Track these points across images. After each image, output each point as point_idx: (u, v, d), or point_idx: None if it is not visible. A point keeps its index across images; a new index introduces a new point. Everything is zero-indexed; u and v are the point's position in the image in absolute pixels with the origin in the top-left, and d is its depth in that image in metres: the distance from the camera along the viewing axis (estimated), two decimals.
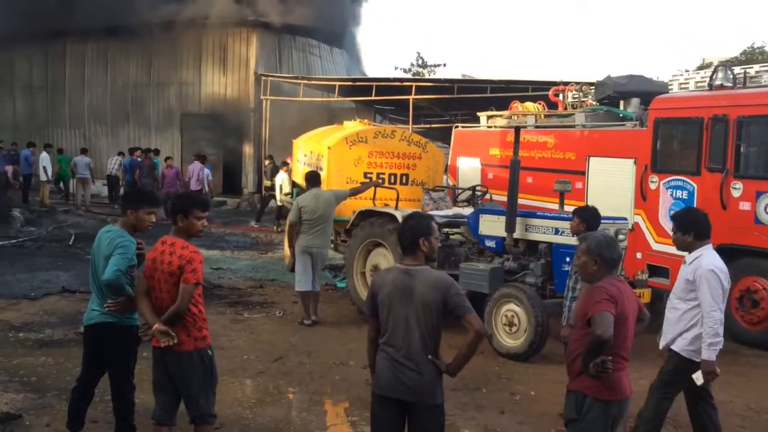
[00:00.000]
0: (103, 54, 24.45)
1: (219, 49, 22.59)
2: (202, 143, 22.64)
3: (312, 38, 24.70)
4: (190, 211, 4.34)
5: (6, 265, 11.57)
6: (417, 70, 36.21)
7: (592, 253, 3.88)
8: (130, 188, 16.42)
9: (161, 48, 23.30)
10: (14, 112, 26.35)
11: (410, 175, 10.22)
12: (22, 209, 16.81)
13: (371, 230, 8.96)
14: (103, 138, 24.43)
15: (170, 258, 4.22)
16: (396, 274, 3.76)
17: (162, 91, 23.59)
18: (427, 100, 19.37)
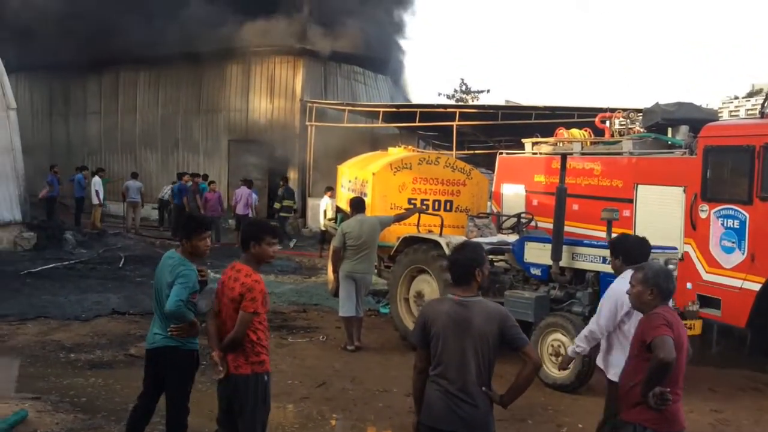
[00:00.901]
0: (155, 82, 25.16)
1: (266, 77, 23.02)
2: (248, 168, 23.01)
3: (357, 65, 24.99)
4: (262, 237, 4.47)
5: (58, 287, 11.90)
6: (460, 96, 36.30)
7: (649, 283, 3.86)
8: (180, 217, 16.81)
9: (210, 76, 23.87)
10: (68, 137, 27.21)
11: (454, 201, 10.22)
12: (74, 232, 17.27)
13: (415, 257, 8.96)
14: (153, 163, 25.01)
15: (233, 284, 4.34)
16: (450, 305, 3.72)
17: (210, 118, 24.10)
18: (471, 126, 19.38)
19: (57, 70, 25.87)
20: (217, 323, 4.45)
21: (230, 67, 23.37)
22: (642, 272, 3.96)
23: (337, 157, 17.17)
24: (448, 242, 8.55)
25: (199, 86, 24.23)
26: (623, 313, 4.69)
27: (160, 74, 24.79)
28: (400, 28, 27.16)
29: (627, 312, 4.64)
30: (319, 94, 22.94)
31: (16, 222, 15.59)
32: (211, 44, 21.99)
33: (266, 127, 22.92)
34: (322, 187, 18.38)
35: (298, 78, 22.54)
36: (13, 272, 12.83)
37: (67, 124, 27.28)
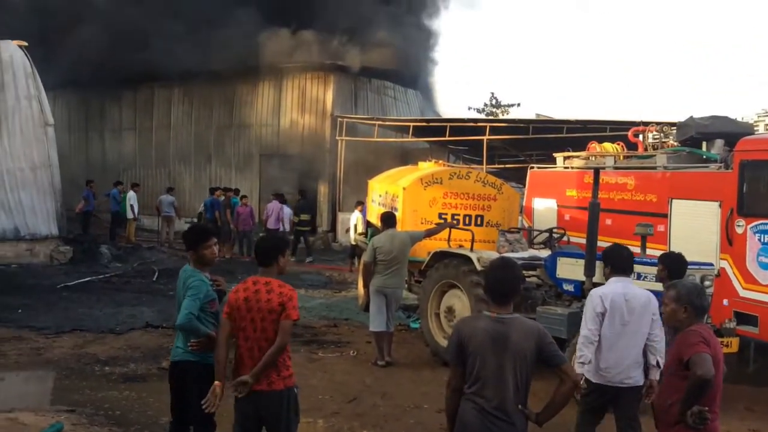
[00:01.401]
0: (188, 98, 25.56)
1: (297, 92, 23.24)
2: (279, 182, 23.19)
3: (387, 80, 25.11)
4: (284, 251, 4.55)
5: (93, 300, 12.11)
6: (490, 110, 36.22)
7: (682, 301, 3.82)
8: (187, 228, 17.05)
9: (243, 91, 24.19)
10: (104, 152, 27.73)
11: (485, 216, 10.18)
12: (109, 246, 17.56)
13: (446, 271, 8.93)
14: (186, 177, 25.36)
15: (269, 296, 4.32)
16: (487, 322, 3.69)
17: (242, 133, 24.39)
18: (502, 140, 19.32)
19: (93, 87, 26.45)
20: (226, 351, 4.42)
21: (262, 83, 23.66)
22: (675, 290, 3.91)
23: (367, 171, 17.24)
24: (479, 257, 8.51)
25: (232, 102, 24.55)
26: (598, 313, 5.08)
27: (194, 90, 25.19)
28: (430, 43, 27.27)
29: (600, 313, 5.07)
30: (350, 108, 23.08)
31: (52, 236, 15.93)
32: (243, 61, 22.31)
33: (297, 141, 23.11)
34: (352, 201, 18.47)
35: (328, 93, 22.72)
36: (50, 285, 13.09)
37: (102, 139, 27.81)
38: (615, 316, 5.07)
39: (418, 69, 26.18)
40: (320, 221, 23.11)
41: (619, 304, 5.07)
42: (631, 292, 5.16)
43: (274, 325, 4.30)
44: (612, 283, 5.21)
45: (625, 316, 5.07)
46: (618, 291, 5.12)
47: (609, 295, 5.10)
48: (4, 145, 15.44)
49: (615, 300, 5.07)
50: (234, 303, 4.40)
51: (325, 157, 22.54)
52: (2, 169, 15.32)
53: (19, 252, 15.31)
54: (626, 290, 5.14)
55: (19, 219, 15.39)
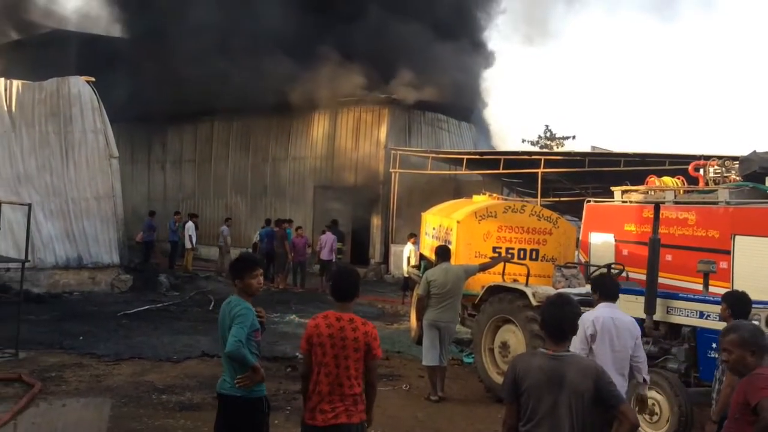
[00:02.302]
0: (246, 131, 26.18)
1: (352, 125, 23.56)
2: (332, 214, 23.42)
3: (441, 113, 25.25)
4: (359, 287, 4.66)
5: (152, 328, 12.35)
6: (545, 143, 35.99)
7: (748, 345, 3.67)
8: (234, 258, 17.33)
9: (298, 124, 24.66)
10: (165, 183, 28.55)
11: (540, 250, 10.05)
12: (168, 275, 17.95)
13: (500, 306, 8.83)
14: (242, 208, 25.85)
15: (355, 334, 4.36)
16: (542, 360, 3.65)
17: (298, 165, 24.80)
18: (557, 173, 19.13)
19: (156, 121, 27.40)
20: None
21: (317, 116, 24.08)
22: (736, 334, 3.75)
23: (420, 203, 17.28)
24: (534, 292, 8.40)
25: (288, 134, 25.03)
26: (589, 334, 5.43)
27: (251, 124, 25.80)
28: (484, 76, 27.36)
29: (591, 334, 5.44)
30: (404, 141, 23.26)
31: (114, 264, 16.38)
32: (299, 95, 22.78)
33: (351, 173, 23.35)
34: (405, 233, 18.49)
35: (382, 126, 22.96)
36: (111, 313, 13.43)
37: (163, 171, 28.66)
38: (605, 337, 5.47)
39: (472, 102, 26.27)
40: (373, 253, 23.19)
41: (609, 327, 5.48)
42: (618, 316, 5.60)
43: (357, 362, 4.35)
44: (601, 308, 5.66)
45: (614, 339, 5.46)
46: (607, 315, 5.55)
47: (600, 318, 5.52)
48: (71, 175, 16.06)
49: (605, 323, 5.49)
50: (317, 339, 4.41)
51: (378, 189, 22.71)
52: (68, 199, 15.91)
53: (81, 279, 15.79)
54: (614, 314, 5.60)
55: (82, 247, 15.90)
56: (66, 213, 15.82)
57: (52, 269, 15.27)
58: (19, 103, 15.75)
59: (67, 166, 16.05)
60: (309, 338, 4.45)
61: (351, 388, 4.37)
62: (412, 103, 22.79)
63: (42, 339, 10.91)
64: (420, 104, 23.39)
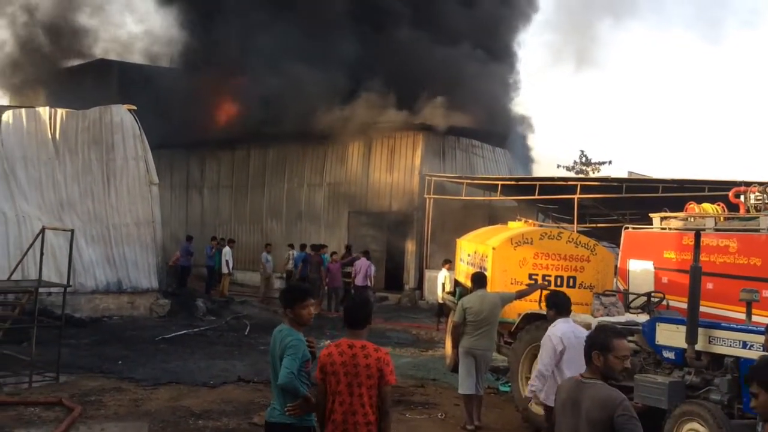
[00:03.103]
0: (282, 157, 26.49)
1: (386, 151, 23.69)
2: (366, 239, 23.49)
3: (475, 139, 25.27)
4: (372, 314, 4.66)
5: (188, 353, 12.47)
6: (580, 168, 35.70)
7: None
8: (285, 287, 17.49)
9: (333, 150, 24.88)
10: (202, 209, 28.97)
11: (578, 277, 9.92)
12: (204, 299, 18.14)
13: (537, 334, 8.70)
14: (278, 234, 26.06)
15: (366, 361, 4.36)
16: (570, 383, 3.73)
17: (332, 191, 24.97)
18: (593, 199, 18.94)
19: (194, 147, 27.90)
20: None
21: (352, 142, 24.27)
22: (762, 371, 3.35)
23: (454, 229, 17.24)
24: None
25: (323, 160, 25.26)
26: (558, 351, 6.13)
27: (287, 150, 26.12)
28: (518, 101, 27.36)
29: (561, 351, 6.13)
30: (438, 166, 23.30)
31: (152, 289, 16.64)
32: (334, 121, 23.04)
33: (385, 199, 23.44)
34: (439, 259, 18.44)
35: (417, 152, 23.04)
36: (149, 337, 13.62)
37: (201, 196, 29.11)
38: (570, 351, 6.09)
39: (507, 128, 26.25)
40: (407, 279, 23.14)
41: (572, 341, 6.11)
42: (577, 330, 6.28)
43: (370, 390, 4.33)
44: (561, 324, 6.31)
45: (576, 350, 5.81)
46: (569, 330, 6.24)
47: (566, 334, 6.20)
48: (112, 201, 16.41)
49: (569, 338, 6.18)
50: (330, 368, 4.42)
51: (412, 214, 22.74)
52: (109, 225, 16.25)
53: (121, 304, 16.05)
54: (574, 329, 6.28)
55: (122, 272, 16.19)
56: (107, 238, 16.15)
57: (92, 294, 15.57)
58: (63, 130, 16.20)
59: (109, 192, 16.42)
60: (322, 367, 4.46)
61: (365, 416, 4.35)
62: (446, 129, 22.86)
63: (82, 363, 11.11)
64: (454, 130, 23.45)
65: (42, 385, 9.79)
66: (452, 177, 22.42)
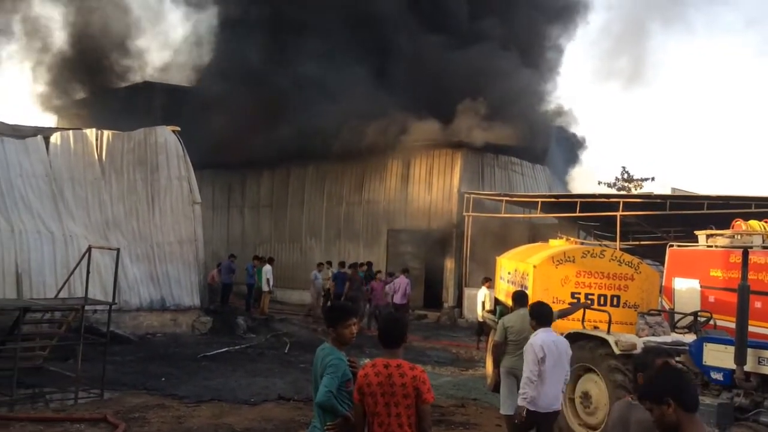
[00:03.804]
0: (321, 176, 26.73)
1: (425, 169, 23.72)
2: (405, 257, 23.48)
3: (514, 156, 25.15)
4: (407, 332, 4.59)
5: (230, 371, 12.57)
6: (622, 185, 35.22)
7: None
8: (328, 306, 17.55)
9: (372, 169, 25.02)
10: (243, 227, 29.34)
11: (622, 296, 9.75)
12: (245, 317, 18.31)
13: (580, 354, 8.58)
14: (317, 252, 26.22)
15: (402, 380, 4.31)
16: (622, 404, 3.80)
17: (371, 209, 25.07)
18: (636, 216, 18.64)
19: (235, 167, 28.34)
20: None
21: (390, 160, 24.38)
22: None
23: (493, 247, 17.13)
24: (617, 340, 8.15)
25: (361, 179, 25.40)
26: (540, 358, 6.50)
27: (326, 169, 26.34)
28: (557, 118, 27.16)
29: (542, 357, 6.51)
30: (477, 184, 23.23)
31: (194, 307, 16.86)
32: (373, 140, 23.17)
33: (424, 217, 23.44)
34: (478, 277, 18.33)
35: (455, 169, 23.02)
36: (192, 355, 13.77)
37: (242, 215, 29.49)
38: (550, 358, 6.53)
39: (546, 144, 26.07)
40: (446, 297, 23.04)
41: (552, 349, 6.56)
42: (557, 339, 6.71)
43: (408, 409, 4.29)
44: (542, 333, 6.66)
45: (555, 358, 6.54)
46: (549, 339, 6.62)
47: (546, 342, 6.57)
48: (156, 221, 16.73)
49: (549, 346, 6.56)
50: (367, 388, 4.38)
51: (451, 232, 22.67)
52: (153, 243, 16.55)
53: (164, 321, 16.29)
54: (553, 338, 6.68)
55: (165, 290, 16.45)
56: (151, 257, 16.44)
57: (136, 311, 15.83)
58: (110, 151, 16.60)
59: (153, 211, 16.74)
60: (360, 388, 4.42)
61: None
62: (484, 146, 22.81)
63: (126, 380, 11.28)
64: (493, 147, 23.40)
65: (87, 402, 9.97)
66: (491, 194, 22.33)
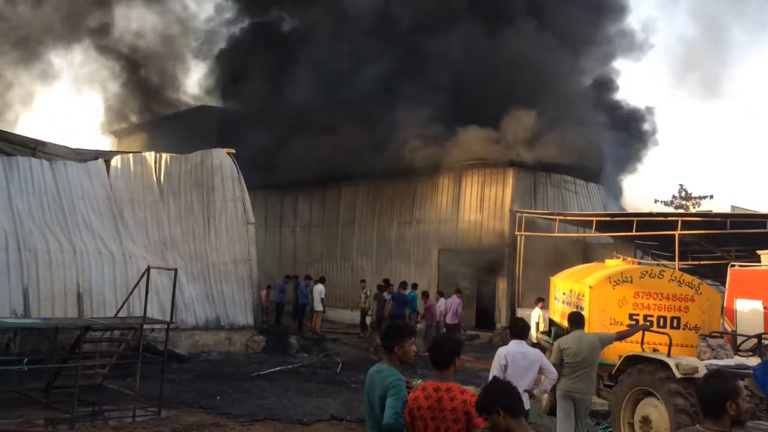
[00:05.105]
0: (372, 196, 26.83)
1: (476, 188, 23.58)
2: (456, 277, 23.31)
3: (567, 174, 24.81)
4: (459, 353, 4.52)
5: (283, 389, 12.66)
6: (679, 203, 34.39)
7: None
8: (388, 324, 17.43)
9: (423, 189, 24.99)
10: (295, 247, 29.63)
11: (682, 318, 9.49)
12: (297, 336, 18.43)
13: (639, 378, 8.38)
14: (368, 271, 26.28)
15: (452, 404, 4.25)
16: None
17: (422, 228, 25.01)
18: (695, 235, 18.13)
19: (287, 188, 28.71)
20: None
21: (442, 180, 24.33)
22: None
23: (546, 266, 16.88)
24: (677, 363, 7.92)
25: (413, 198, 25.39)
26: (502, 365, 7.21)
27: (377, 189, 26.43)
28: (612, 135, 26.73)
29: (504, 365, 7.21)
30: (529, 203, 22.97)
31: (248, 326, 17.06)
32: (424, 160, 23.19)
33: (475, 236, 23.26)
34: (531, 297, 18.07)
35: (507, 188, 22.82)
36: (246, 373, 13.93)
37: (294, 235, 29.80)
38: (515, 366, 7.19)
39: (600, 162, 25.66)
40: (498, 317, 22.75)
41: (518, 359, 7.22)
42: (526, 350, 7.36)
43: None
44: (512, 344, 7.40)
45: (523, 366, 7.20)
46: (516, 350, 7.31)
47: (511, 352, 7.27)
48: (211, 241, 17.05)
49: (514, 356, 7.25)
50: (417, 412, 4.34)
51: (503, 252, 22.43)
52: (208, 263, 16.86)
53: (218, 340, 16.52)
54: (523, 349, 7.34)
55: (220, 309, 16.71)
56: (206, 276, 16.74)
57: (192, 330, 16.10)
58: (168, 174, 17.04)
59: (209, 232, 17.07)
60: (410, 411, 4.36)
61: None
62: (536, 164, 22.57)
63: (183, 398, 11.46)
64: (545, 166, 23.13)
65: (145, 419, 10.15)
66: (544, 213, 22.03)
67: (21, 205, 14.57)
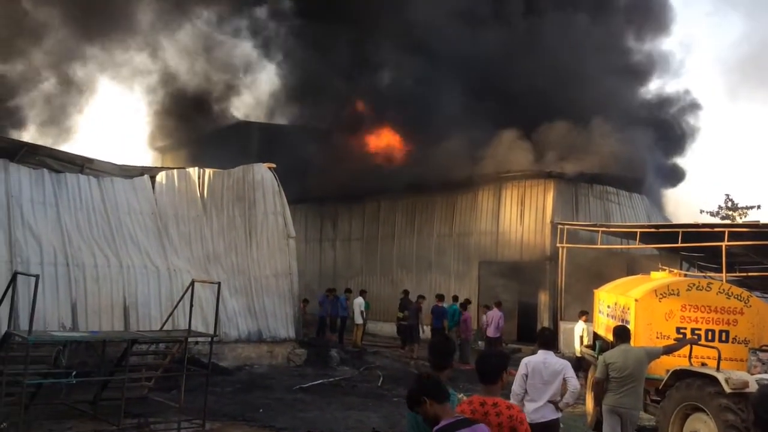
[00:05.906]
0: (411, 209, 26.82)
1: (516, 200, 23.41)
2: (497, 290, 23.11)
3: (609, 185, 24.47)
4: (507, 367, 4.48)
5: (325, 403, 12.69)
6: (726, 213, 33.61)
7: None
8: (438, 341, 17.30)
9: (463, 201, 24.90)
10: (335, 261, 29.76)
11: (731, 331, 9.27)
12: (338, 349, 18.48)
13: (688, 393, 8.20)
14: (408, 284, 26.22)
15: (498, 419, 4.26)
16: None
17: (462, 241, 24.89)
18: (743, 246, 17.68)
19: (327, 202, 28.90)
20: None
21: (482, 192, 24.21)
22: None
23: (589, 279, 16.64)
24: (727, 378, 7.74)
25: (452, 211, 25.31)
26: (522, 374, 7.22)
27: (416, 201, 26.42)
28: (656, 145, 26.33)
29: (524, 374, 7.22)
30: (570, 215, 22.71)
31: (290, 339, 17.17)
32: (464, 172, 23.12)
33: (516, 249, 23.07)
34: (574, 310, 17.84)
35: (548, 200, 22.61)
36: (288, 386, 14.01)
37: (334, 248, 29.94)
38: (536, 376, 7.15)
39: (644, 173, 25.25)
40: None
41: (540, 369, 7.18)
42: (549, 360, 7.26)
43: None
44: (540, 353, 7.32)
45: (545, 377, 7.15)
46: (540, 360, 7.23)
47: (532, 362, 7.24)
48: (253, 255, 17.24)
49: (536, 366, 7.20)
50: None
51: (545, 264, 22.19)
52: (250, 277, 17.05)
53: (260, 353, 16.66)
54: (546, 359, 7.25)
55: (262, 322, 16.87)
56: (248, 290, 16.93)
57: (235, 343, 16.26)
58: (211, 189, 17.31)
59: (251, 246, 17.27)
60: None
61: None
62: (577, 175, 22.32)
63: (226, 410, 11.57)
64: (587, 176, 22.86)
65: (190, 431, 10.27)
66: (586, 225, 21.75)
67: (69, 221, 14.94)
